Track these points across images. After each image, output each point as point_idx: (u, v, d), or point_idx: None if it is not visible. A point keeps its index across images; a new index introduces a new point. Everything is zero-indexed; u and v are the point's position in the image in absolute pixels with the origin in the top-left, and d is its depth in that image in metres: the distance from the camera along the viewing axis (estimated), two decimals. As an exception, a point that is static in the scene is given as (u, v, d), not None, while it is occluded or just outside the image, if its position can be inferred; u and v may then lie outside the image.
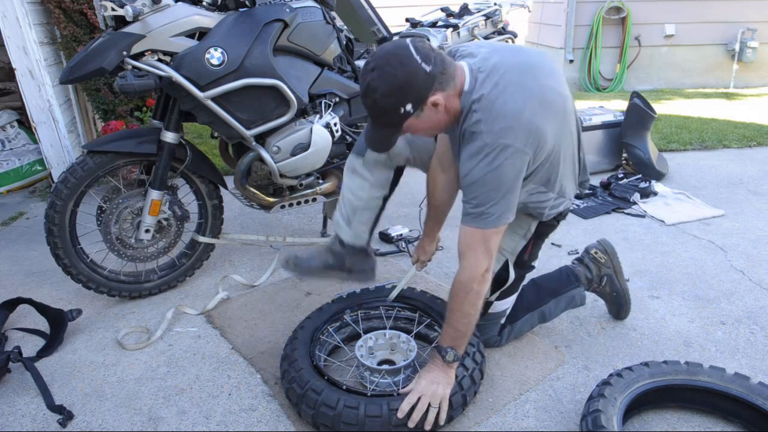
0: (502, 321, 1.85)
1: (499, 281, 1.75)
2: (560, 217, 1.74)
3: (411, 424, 1.47)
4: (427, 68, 1.33)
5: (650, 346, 1.92)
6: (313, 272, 1.87)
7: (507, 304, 1.80)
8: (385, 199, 1.86)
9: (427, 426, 1.49)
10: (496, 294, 1.76)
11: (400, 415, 1.46)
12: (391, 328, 1.90)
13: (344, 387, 1.55)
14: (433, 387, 1.49)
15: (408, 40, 1.38)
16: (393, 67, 1.32)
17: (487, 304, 1.78)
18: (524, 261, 1.78)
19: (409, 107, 1.36)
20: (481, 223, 1.42)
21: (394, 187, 1.88)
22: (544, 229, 1.75)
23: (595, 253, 2.00)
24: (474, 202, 1.42)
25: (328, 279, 1.92)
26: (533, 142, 1.40)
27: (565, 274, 1.97)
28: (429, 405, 1.48)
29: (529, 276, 1.89)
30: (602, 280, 1.98)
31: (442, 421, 1.51)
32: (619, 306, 2.03)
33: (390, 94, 1.34)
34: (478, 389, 1.66)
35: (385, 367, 1.72)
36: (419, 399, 1.48)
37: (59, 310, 2.06)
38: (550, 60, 1.56)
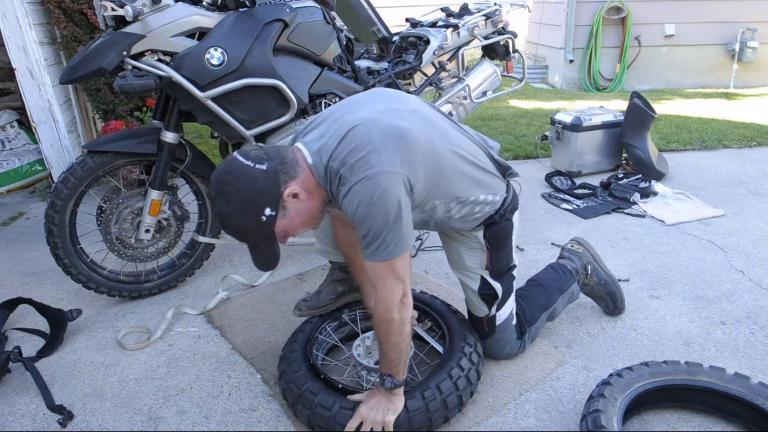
0: (514, 322, 1.81)
1: (489, 296, 1.72)
2: (506, 214, 1.65)
3: None
4: (263, 167, 1.31)
5: (650, 346, 1.92)
6: (327, 305, 1.89)
7: (508, 309, 1.77)
8: None
9: None
10: (494, 307, 1.73)
11: None
12: (390, 328, 1.89)
13: (340, 386, 1.55)
14: (372, 413, 1.46)
15: (235, 152, 1.36)
16: (230, 184, 1.31)
17: (491, 319, 1.75)
18: (499, 269, 1.71)
19: (268, 212, 1.32)
20: (381, 256, 1.36)
21: None
22: (499, 231, 1.67)
23: (571, 245, 2.12)
24: (368, 238, 1.35)
25: (342, 302, 1.93)
26: (399, 152, 1.34)
27: (560, 270, 2.00)
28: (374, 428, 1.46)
29: (526, 276, 1.86)
30: (587, 269, 2.03)
31: None
32: (612, 295, 2.05)
33: (243, 211, 1.31)
34: (475, 389, 1.66)
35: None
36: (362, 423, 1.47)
37: (59, 310, 2.06)
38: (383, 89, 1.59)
